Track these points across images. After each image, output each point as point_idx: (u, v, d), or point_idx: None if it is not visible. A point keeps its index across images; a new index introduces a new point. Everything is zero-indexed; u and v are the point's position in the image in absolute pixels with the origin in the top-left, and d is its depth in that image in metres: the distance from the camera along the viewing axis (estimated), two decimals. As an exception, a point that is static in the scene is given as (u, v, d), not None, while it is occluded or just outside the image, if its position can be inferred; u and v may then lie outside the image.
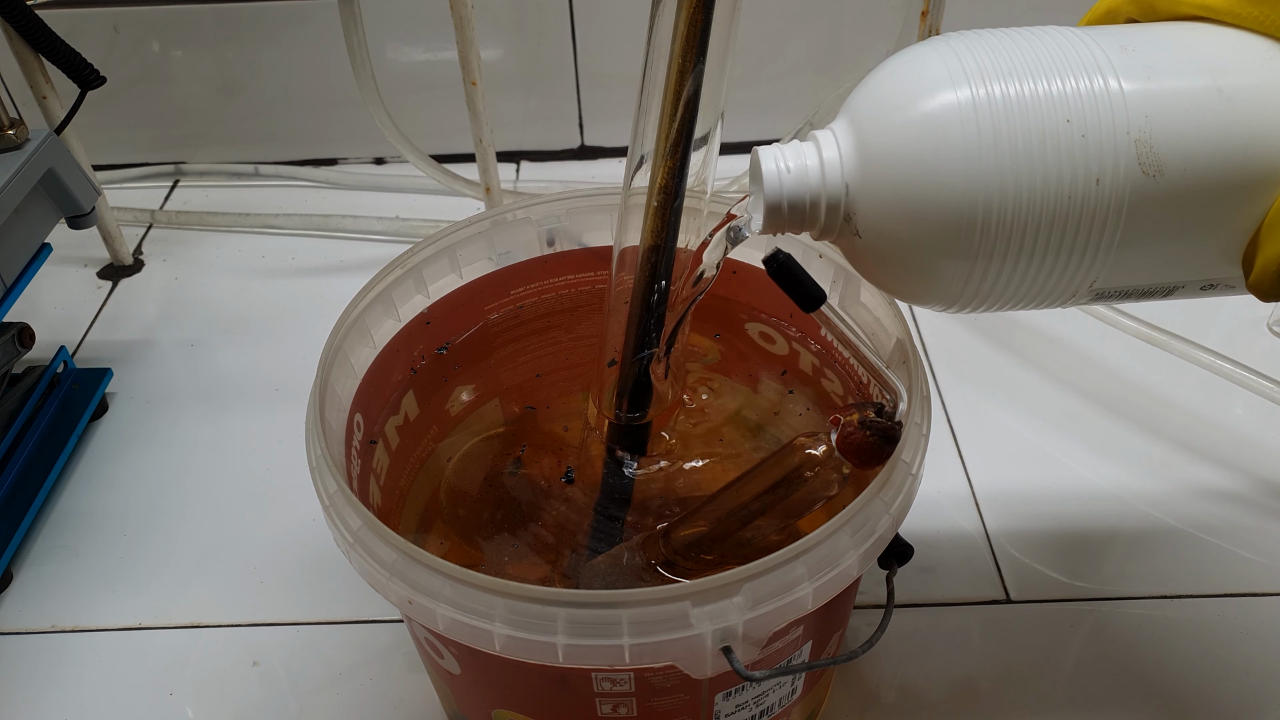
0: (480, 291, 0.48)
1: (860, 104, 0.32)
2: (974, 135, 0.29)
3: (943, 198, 0.30)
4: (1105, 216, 0.29)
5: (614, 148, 0.90)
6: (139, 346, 0.72)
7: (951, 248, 0.30)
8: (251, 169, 0.89)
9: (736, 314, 0.50)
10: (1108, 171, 0.29)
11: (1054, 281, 0.31)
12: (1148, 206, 0.29)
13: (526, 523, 0.45)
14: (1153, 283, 0.32)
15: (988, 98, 0.29)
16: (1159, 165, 0.29)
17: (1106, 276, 0.31)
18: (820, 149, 0.32)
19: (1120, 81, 0.29)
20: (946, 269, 0.31)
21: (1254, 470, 0.58)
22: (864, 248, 0.33)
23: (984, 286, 0.31)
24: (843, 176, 0.32)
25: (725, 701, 0.37)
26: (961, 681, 0.49)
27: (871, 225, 0.32)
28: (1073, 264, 0.30)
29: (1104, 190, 0.29)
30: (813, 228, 0.33)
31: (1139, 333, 0.63)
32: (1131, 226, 0.29)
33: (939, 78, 0.30)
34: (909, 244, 0.31)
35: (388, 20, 0.81)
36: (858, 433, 0.36)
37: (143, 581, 0.55)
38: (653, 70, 0.38)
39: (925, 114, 0.30)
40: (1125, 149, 0.29)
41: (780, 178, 0.32)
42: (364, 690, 0.49)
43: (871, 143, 0.31)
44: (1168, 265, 0.31)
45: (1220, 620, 0.51)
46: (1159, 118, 0.29)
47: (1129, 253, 0.30)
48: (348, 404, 0.42)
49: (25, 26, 0.63)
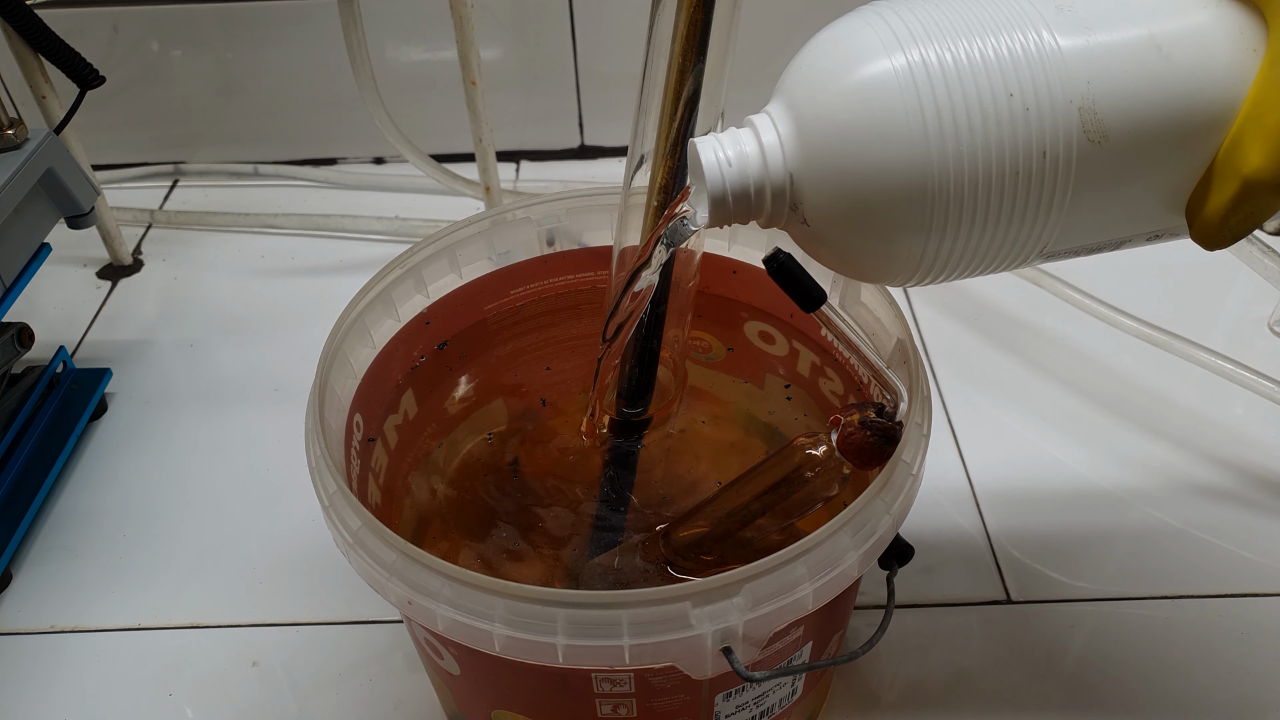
0: (480, 291, 0.48)
1: (794, 83, 0.31)
2: (916, 112, 0.28)
3: (887, 179, 0.29)
4: (1053, 185, 0.29)
5: (614, 147, 0.90)
6: (138, 346, 0.72)
7: (899, 229, 0.30)
8: (251, 169, 0.89)
9: (736, 313, 0.50)
10: (1053, 142, 0.28)
11: (1005, 249, 0.31)
12: (1094, 170, 0.29)
13: (526, 522, 0.45)
14: (1101, 240, 0.32)
15: (924, 66, 0.28)
16: (1103, 131, 0.28)
17: (1057, 239, 0.31)
18: (759, 135, 0.31)
19: (1059, 43, 0.28)
20: (895, 250, 0.30)
21: (1254, 470, 0.58)
22: (813, 235, 0.32)
23: (935, 263, 0.31)
24: (785, 164, 0.31)
25: (725, 702, 0.37)
26: (962, 682, 0.49)
27: (819, 212, 0.31)
28: (1023, 232, 0.30)
29: (1050, 160, 0.29)
30: (759, 217, 0.32)
31: (1139, 332, 0.63)
32: (1079, 190, 0.29)
33: (871, 47, 0.29)
34: (857, 228, 0.30)
35: (388, 20, 0.81)
36: (858, 433, 0.36)
37: (142, 582, 0.55)
38: (653, 70, 0.38)
39: (862, 89, 0.29)
40: (1070, 118, 0.28)
41: (721, 170, 0.31)
42: (363, 690, 0.49)
43: (810, 124, 0.30)
44: (1116, 222, 0.31)
45: (1220, 620, 0.51)
46: (1100, 82, 0.28)
47: (1078, 215, 0.30)
48: (347, 404, 0.42)
49: (25, 26, 0.63)
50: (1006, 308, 0.71)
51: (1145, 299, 0.66)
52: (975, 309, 0.71)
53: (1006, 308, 0.71)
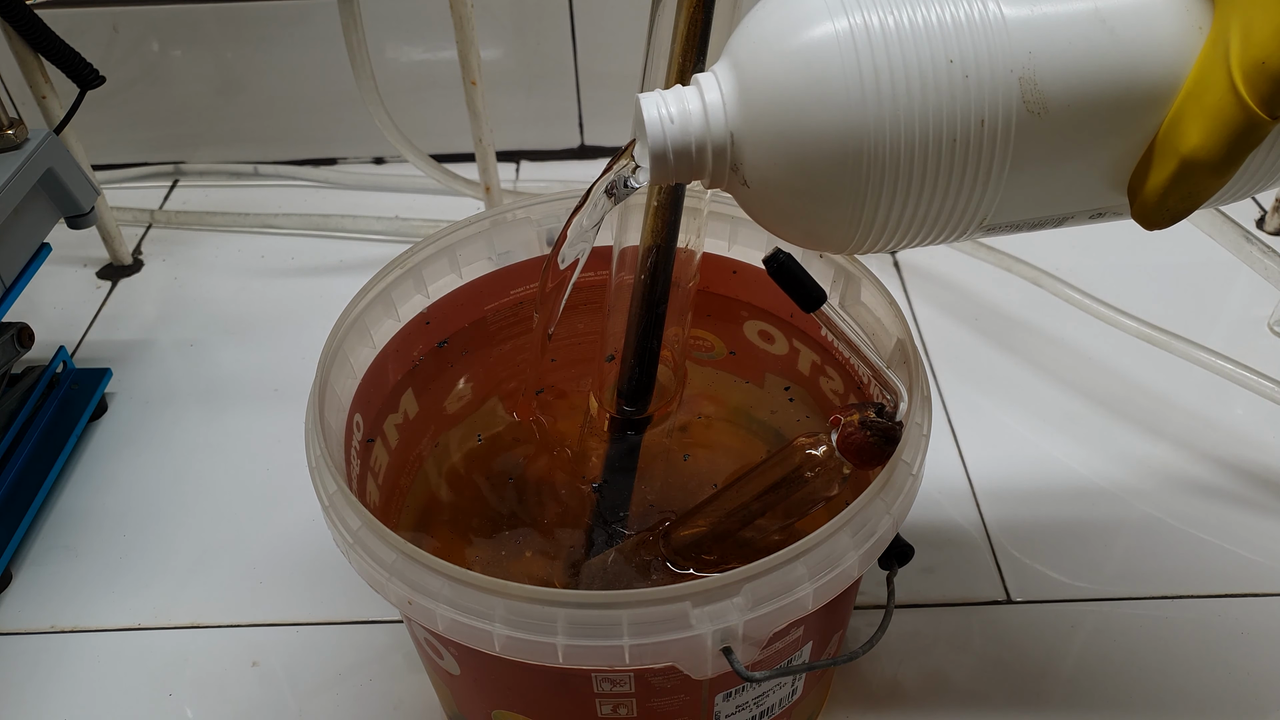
0: (480, 291, 0.48)
1: (739, 43, 0.31)
2: (854, 76, 0.28)
3: (825, 142, 0.29)
4: (991, 154, 0.29)
5: (614, 147, 0.90)
6: (138, 346, 0.72)
7: (835, 193, 0.30)
8: (251, 169, 0.89)
9: (737, 312, 0.50)
10: (991, 111, 0.28)
11: (942, 219, 0.30)
12: (1033, 142, 0.29)
13: (526, 521, 0.45)
14: (1043, 215, 0.31)
15: (866, 30, 0.28)
16: (1043, 102, 0.28)
17: (996, 211, 0.30)
18: (703, 93, 0.31)
19: (1003, 12, 0.28)
20: (835, 216, 0.30)
21: (1254, 470, 0.58)
22: (753, 197, 0.32)
23: (871, 228, 0.31)
24: (726, 123, 0.31)
25: (725, 702, 0.37)
26: (962, 682, 0.49)
27: (759, 174, 0.31)
28: (960, 201, 0.30)
29: (988, 130, 0.28)
30: (701, 176, 0.32)
31: (1139, 333, 0.63)
32: (1018, 162, 0.29)
33: (815, 10, 0.29)
34: (795, 190, 0.30)
35: (388, 20, 0.81)
36: (858, 433, 0.36)
37: (142, 582, 0.55)
38: (653, 70, 0.38)
39: (803, 50, 0.29)
40: (1009, 88, 0.28)
41: (663, 125, 0.31)
42: (363, 690, 0.49)
43: (752, 84, 0.30)
44: (1056, 197, 0.31)
45: (1220, 620, 0.51)
46: (1042, 53, 0.28)
47: (1017, 187, 0.30)
48: (347, 404, 0.42)
49: (25, 26, 0.63)
50: (1006, 308, 0.71)
51: (1145, 299, 0.66)
52: (975, 309, 0.71)
53: (1006, 308, 0.71)
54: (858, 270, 0.43)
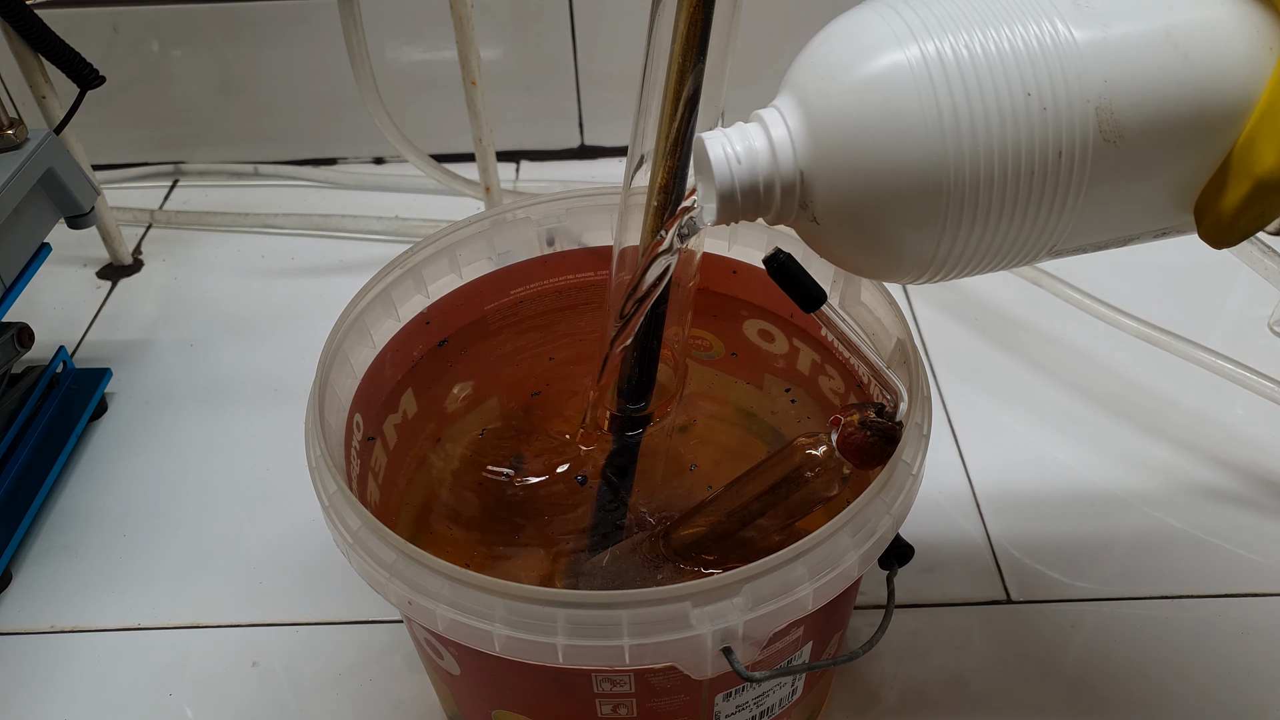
0: (480, 291, 0.48)
1: (803, 77, 0.30)
2: (932, 110, 0.28)
3: (902, 179, 0.28)
4: (1068, 184, 0.29)
5: (614, 147, 0.90)
6: (138, 346, 0.72)
7: (911, 228, 0.29)
8: (251, 169, 0.89)
9: (737, 312, 0.50)
10: (1069, 142, 0.28)
11: (1014, 248, 0.30)
12: (1108, 169, 0.29)
13: (526, 521, 0.45)
14: (1110, 237, 0.32)
15: (940, 61, 0.28)
16: (1119, 131, 0.28)
17: (1067, 237, 0.30)
18: (768, 129, 0.30)
19: (1075, 39, 0.28)
20: (906, 248, 0.30)
21: (1254, 470, 0.58)
22: (822, 233, 0.31)
23: (945, 261, 0.30)
24: (795, 161, 0.30)
25: (725, 702, 0.37)
26: (962, 682, 0.49)
27: (829, 210, 0.30)
28: (1035, 230, 0.30)
29: (1065, 160, 0.28)
30: (767, 214, 0.32)
31: (1139, 332, 0.63)
32: (1092, 189, 0.29)
33: (883, 38, 0.28)
34: (868, 226, 0.30)
35: (388, 20, 0.81)
36: (858, 433, 0.36)
37: (142, 582, 0.55)
38: (653, 70, 0.38)
39: (875, 83, 0.28)
40: (1086, 118, 0.28)
41: (730, 166, 0.31)
42: (364, 690, 0.49)
43: (821, 120, 0.29)
44: (1126, 220, 0.31)
45: (1221, 620, 0.51)
46: (1117, 81, 0.28)
47: (1089, 213, 0.30)
48: (347, 404, 0.42)
49: (25, 26, 0.63)
50: (1006, 308, 0.71)
51: (1145, 299, 0.66)
52: (975, 309, 0.71)
53: (1006, 308, 0.71)
54: (858, 270, 0.43)
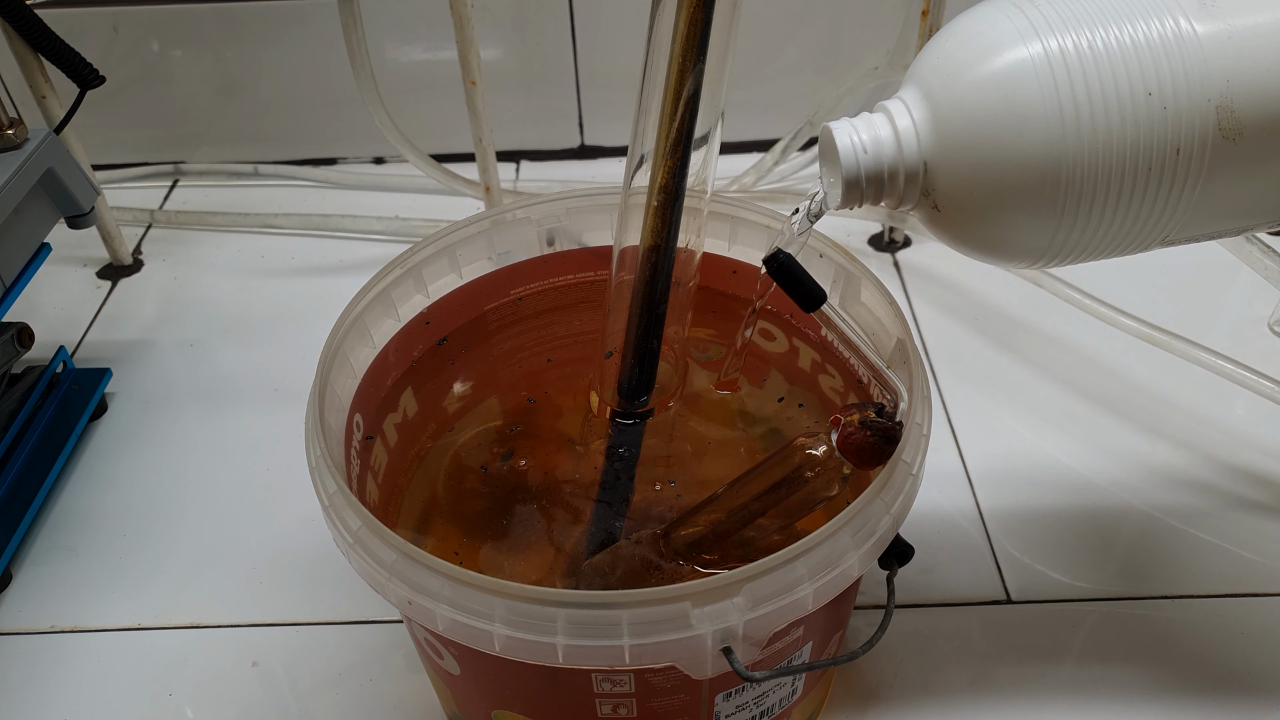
0: (480, 291, 0.48)
1: (928, 71, 0.32)
2: (1054, 106, 0.29)
3: (1024, 171, 0.29)
4: (1185, 179, 0.29)
5: (614, 147, 0.90)
6: (138, 346, 0.72)
7: (1030, 217, 0.30)
8: (251, 169, 0.89)
9: (736, 311, 0.50)
10: (1188, 140, 0.29)
11: (1128, 237, 0.31)
12: (1226, 165, 0.29)
13: (525, 520, 0.45)
14: (1222, 230, 0.32)
15: (1062, 57, 0.29)
16: (1239, 128, 0.29)
17: (1181, 228, 0.31)
18: (894, 120, 0.32)
19: (1199, 37, 0.28)
20: (1024, 239, 0.31)
21: (1254, 470, 0.58)
22: (944, 220, 0.33)
23: (1059, 249, 0.31)
24: (920, 150, 0.31)
25: (725, 702, 0.37)
26: (962, 682, 0.49)
27: (951, 198, 0.32)
28: (1150, 222, 0.31)
29: (1183, 157, 0.29)
30: (890, 198, 0.33)
31: (1139, 332, 0.63)
32: (1209, 184, 0.30)
33: (1008, 35, 0.29)
34: (988, 215, 0.31)
35: (388, 20, 0.81)
36: (858, 433, 0.36)
37: (142, 582, 0.55)
38: (653, 70, 0.38)
39: (1000, 79, 0.29)
40: (1206, 116, 0.28)
41: (856, 154, 0.32)
42: (364, 690, 0.49)
43: (946, 112, 0.31)
44: (1241, 213, 0.31)
45: (1220, 620, 0.51)
46: (1239, 80, 0.28)
47: (1205, 206, 0.30)
48: (347, 404, 0.42)
49: (25, 26, 0.63)
50: (1006, 308, 0.71)
51: (1145, 299, 0.66)
52: (975, 309, 0.71)
53: (1006, 308, 0.71)
54: (858, 270, 0.43)
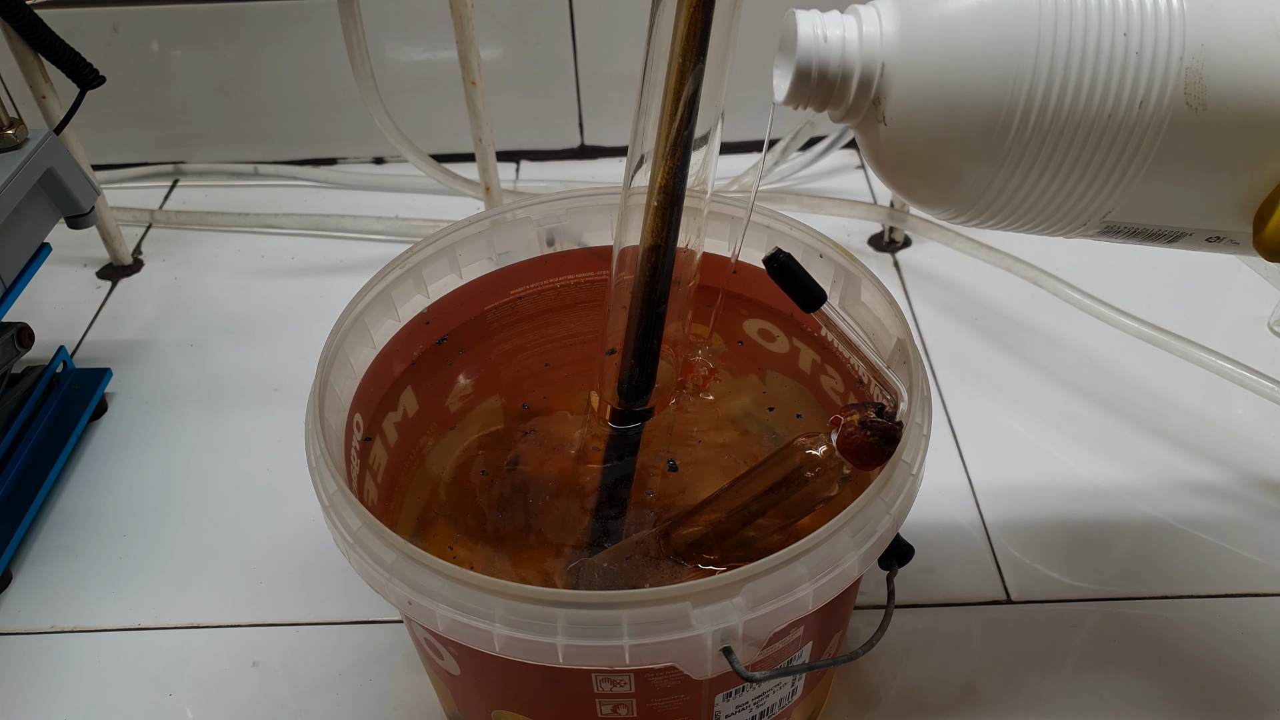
0: (480, 291, 0.48)
1: None
2: (1031, 27, 0.28)
3: (983, 91, 0.29)
4: (1140, 141, 0.29)
5: (614, 147, 0.90)
6: (138, 346, 0.72)
7: (980, 148, 0.30)
8: (251, 169, 0.89)
9: (737, 310, 0.50)
10: (1152, 95, 0.28)
11: (1071, 203, 0.31)
12: (1182, 138, 0.29)
13: (525, 520, 0.45)
14: (1164, 224, 0.32)
15: None
16: (1203, 98, 0.28)
17: (1122, 209, 0.31)
18: (861, 20, 0.31)
19: (1185, 2, 0.28)
20: (969, 171, 0.30)
21: (1254, 470, 0.58)
22: (888, 137, 0.32)
23: (1001, 197, 0.31)
24: (881, 50, 0.31)
25: (725, 702, 0.37)
26: (962, 682, 0.49)
27: (902, 112, 0.31)
28: (1095, 186, 0.30)
29: (1145, 113, 0.29)
30: (837, 106, 0.32)
31: (1139, 332, 0.63)
32: (1161, 156, 0.29)
33: None
34: (937, 138, 0.30)
35: (388, 20, 0.81)
36: (858, 433, 0.36)
37: (142, 582, 0.55)
38: (653, 70, 0.38)
39: None
40: (1175, 75, 0.28)
41: (816, 44, 0.31)
42: (363, 690, 0.49)
43: (917, 15, 0.30)
44: (1184, 207, 0.31)
45: (1220, 620, 0.51)
46: (1213, 49, 0.28)
47: (1151, 185, 0.30)
48: (347, 404, 0.42)
49: (25, 26, 0.63)
50: (1006, 308, 0.71)
51: (1145, 299, 0.66)
52: (975, 309, 0.71)
53: (1006, 308, 0.71)
54: (858, 270, 0.43)
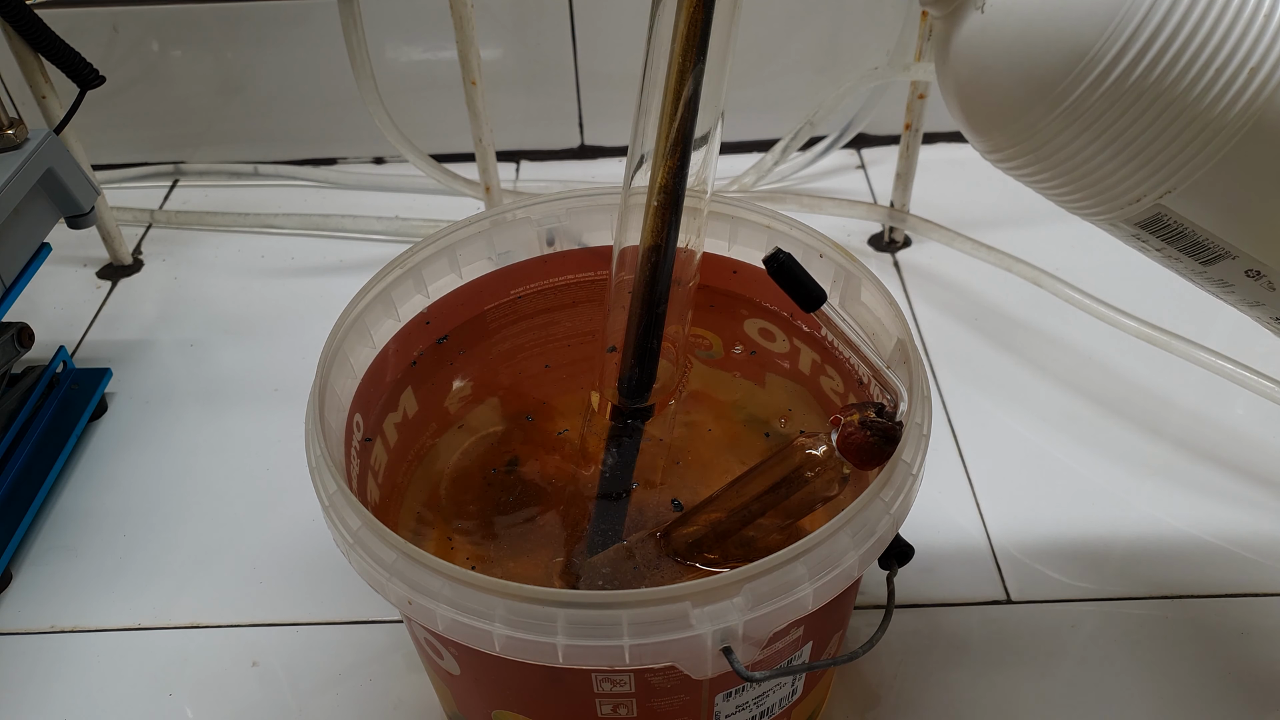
0: (480, 291, 0.48)
1: None
2: None
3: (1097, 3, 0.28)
4: (1228, 116, 0.27)
5: (614, 147, 0.90)
6: (138, 346, 0.72)
7: (1069, 67, 0.28)
8: (251, 169, 0.89)
9: (737, 310, 0.50)
10: (1268, 65, 0.27)
11: (1128, 171, 0.29)
12: (1265, 141, 0.27)
13: (525, 520, 0.45)
14: (1212, 233, 0.30)
15: None
16: None
17: (1178, 196, 0.29)
18: None
19: None
20: (1049, 90, 0.29)
21: (1254, 470, 0.58)
22: (978, 28, 0.30)
23: (1050, 138, 0.29)
24: None
25: (725, 702, 0.37)
26: (962, 682, 0.49)
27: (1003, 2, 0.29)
28: (1159, 159, 0.29)
29: (1252, 86, 0.27)
30: None
31: (1139, 333, 0.63)
32: (1242, 146, 0.28)
33: None
34: (1030, 40, 0.29)
35: (387, 20, 0.81)
36: (858, 433, 0.36)
37: (142, 582, 0.55)
38: (653, 70, 0.38)
39: None
40: None
41: None
42: (363, 690, 0.49)
43: None
44: (1241, 219, 0.30)
45: (1221, 620, 0.51)
46: None
47: (1217, 179, 0.28)
48: (347, 404, 0.42)
49: (25, 26, 0.63)
50: (1006, 308, 0.71)
51: (1145, 299, 0.66)
52: (975, 309, 0.71)
53: (1006, 308, 0.71)
54: (858, 270, 0.43)
